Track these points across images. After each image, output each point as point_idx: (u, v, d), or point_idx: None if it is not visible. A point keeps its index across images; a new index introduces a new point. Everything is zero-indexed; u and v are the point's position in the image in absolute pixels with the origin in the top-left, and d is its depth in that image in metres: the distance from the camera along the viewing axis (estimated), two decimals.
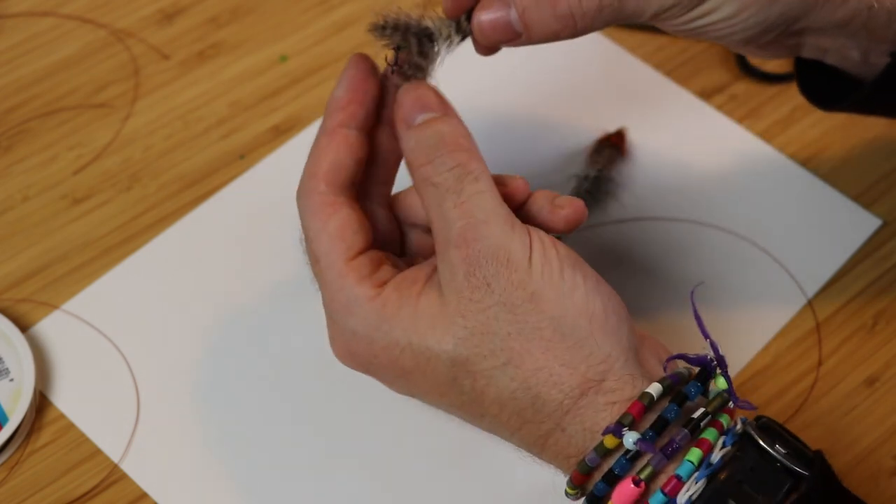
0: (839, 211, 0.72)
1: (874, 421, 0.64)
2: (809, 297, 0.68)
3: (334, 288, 0.52)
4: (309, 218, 0.53)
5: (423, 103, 0.53)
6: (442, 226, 0.51)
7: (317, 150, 0.53)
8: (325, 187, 0.53)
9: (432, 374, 0.51)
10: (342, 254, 0.52)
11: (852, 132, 0.75)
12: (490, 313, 0.50)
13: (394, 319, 0.51)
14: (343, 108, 0.53)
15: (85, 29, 0.78)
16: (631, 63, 0.78)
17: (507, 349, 0.49)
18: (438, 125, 0.52)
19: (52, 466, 0.61)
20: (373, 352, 0.52)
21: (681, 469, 0.47)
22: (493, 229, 0.50)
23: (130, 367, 0.65)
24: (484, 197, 0.51)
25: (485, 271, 0.50)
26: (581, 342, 0.50)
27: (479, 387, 0.50)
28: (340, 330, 0.52)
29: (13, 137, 0.73)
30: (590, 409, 0.49)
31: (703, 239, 0.70)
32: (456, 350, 0.50)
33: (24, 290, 0.67)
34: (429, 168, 0.52)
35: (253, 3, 0.80)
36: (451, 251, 0.50)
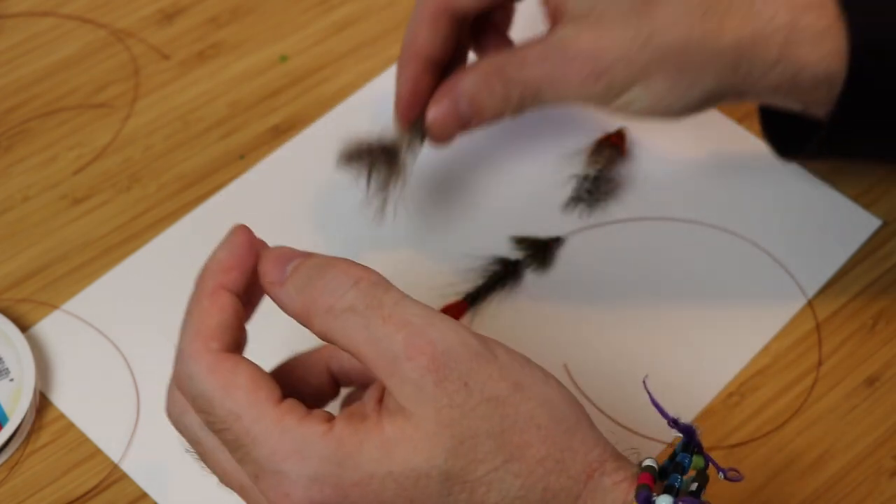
0: (839, 211, 0.72)
1: (874, 421, 0.64)
2: (809, 297, 0.68)
3: (273, 438, 0.45)
4: (208, 378, 0.46)
5: (284, 257, 0.49)
6: (378, 348, 0.46)
7: (199, 311, 0.48)
8: (216, 344, 0.47)
9: (422, 497, 0.45)
10: (267, 400, 0.46)
11: None
12: (477, 414, 0.45)
13: (360, 454, 0.45)
14: (226, 270, 0.49)
15: (85, 29, 0.78)
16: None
17: (505, 445, 0.45)
18: (311, 260, 0.49)
19: (52, 466, 0.61)
20: (343, 492, 0.45)
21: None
22: (442, 330, 0.46)
23: (130, 367, 0.65)
24: (409, 303, 0.47)
25: (457, 372, 0.45)
26: (573, 428, 0.47)
27: (478, 497, 0.45)
28: (293, 482, 0.45)
29: (13, 137, 0.73)
30: (599, 492, 0.46)
31: (703, 239, 0.70)
32: (448, 464, 0.45)
33: (24, 290, 0.67)
34: (327, 297, 0.47)
35: (253, 3, 0.80)
36: (404, 366, 0.45)
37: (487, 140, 0.74)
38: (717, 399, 0.64)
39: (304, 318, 0.48)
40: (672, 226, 0.71)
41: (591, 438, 0.47)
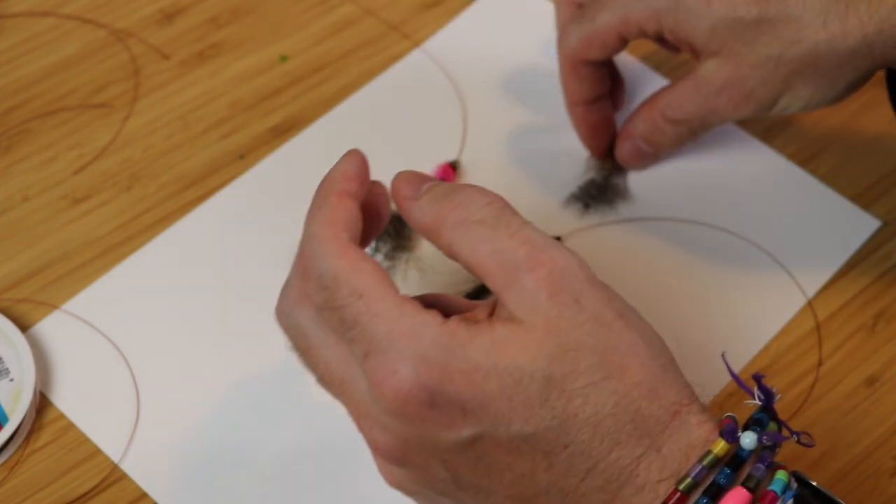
0: (839, 212, 0.72)
1: (874, 421, 0.64)
2: (809, 297, 0.68)
3: (391, 317, 0.48)
4: (338, 259, 0.49)
5: (420, 178, 0.52)
6: (500, 260, 0.48)
7: (328, 205, 0.51)
8: (346, 234, 0.50)
9: (520, 397, 0.47)
10: (391, 288, 0.48)
11: (852, 132, 0.75)
12: (584, 330, 0.47)
13: (470, 346, 0.47)
14: (349, 179, 0.52)
15: (85, 29, 0.78)
16: (631, 64, 0.78)
17: (607, 363, 0.47)
18: (447, 184, 0.52)
19: (52, 466, 0.61)
20: (449, 377, 0.47)
21: (774, 485, 0.47)
22: (561, 252, 0.49)
23: (130, 367, 0.65)
24: (533, 227, 0.49)
25: (571, 288, 0.48)
26: (667, 364, 0.49)
27: (574, 407, 0.47)
28: (404, 359, 0.47)
29: (13, 137, 0.73)
30: (684, 427, 0.48)
31: (703, 239, 0.70)
32: (551, 368, 0.47)
33: (24, 290, 0.67)
34: (460, 210, 0.50)
35: (253, 3, 0.80)
36: (522, 278, 0.48)
37: (493, 145, 0.74)
38: (717, 399, 0.64)
39: (434, 230, 0.50)
40: (672, 226, 0.71)
41: (680, 379, 0.49)
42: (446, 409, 0.47)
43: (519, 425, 0.47)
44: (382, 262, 0.68)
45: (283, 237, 0.70)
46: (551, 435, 0.47)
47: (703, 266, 0.69)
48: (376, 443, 0.50)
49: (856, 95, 0.76)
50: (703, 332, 0.66)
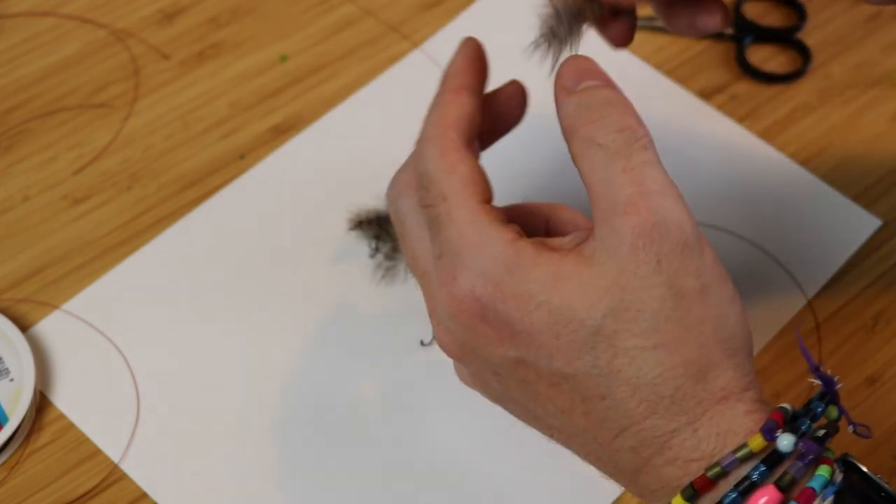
0: (839, 211, 0.72)
1: (874, 421, 0.64)
2: (809, 297, 0.68)
3: (464, 222, 0.48)
4: (436, 160, 0.50)
5: (587, 72, 0.51)
6: (606, 191, 0.47)
7: (441, 104, 0.52)
8: (454, 134, 0.50)
9: (567, 338, 0.46)
10: (474, 195, 0.49)
11: (852, 132, 0.75)
12: (654, 293, 0.46)
13: (531, 272, 0.47)
14: (463, 71, 0.52)
15: (85, 29, 0.78)
16: (631, 63, 0.78)
17: (662, 333, 0.46)
18: (605, 90, 0.50)
19: (52, 466, 0.61)
20: (501, 295, 0.47)
21: (814, 482, 0.45)
22: (669, 203, 0.47)
23: (130, 367, 0.65)
24: (656, 168, 0.48)
25: (657, 247, 0.46)
26: (734, 351, 0.47)
27: (618, 364, 0.46)
28: (465, 268, 0.48)
29: (13, 137, 0.73)
30: (728, 413, 0.47)
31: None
32: (604, 321, 0.46)
33: (24, 290, 0.67)
34: (592, 127, 0.48)
35: (253, 3, 0.80)
36: (616, 219, 0.46)
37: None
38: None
39: (568, 133, 0.50)
40: None
41: (745, 367, 0.48)
42: (495, 325, 0.48)
43: (561, 364, 0.47)
44: (382, 262, 0.68)
45: (283, 237, 0.70)
46: (591, 382, 0.47)
47: None
48: (441, 339, 0.51)
49: (856, 95, 0.76)
50: None
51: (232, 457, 0.62)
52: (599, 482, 0.61)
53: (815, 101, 0.77)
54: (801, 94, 0.77)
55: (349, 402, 0.64)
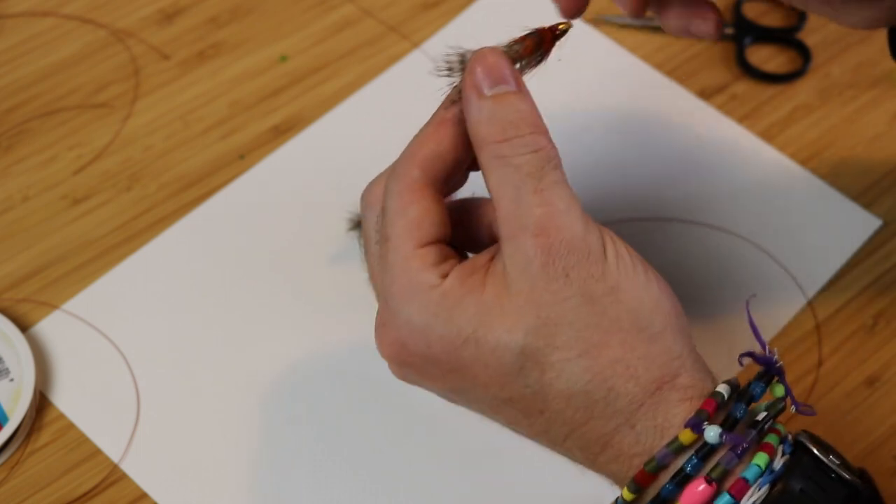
0: (839, 211, 0.72)
1: (874, 421, 0.64)
2: (809, 297, 0.68)
3: (396, 271, 0.50)
4: (393, 197, 0.51)
5: (499, 73, 0.50)
6: (515, 209, 0.49)
7: (422, 135, 0.52)
8: (417, 173, 0.51)
9: (496, 365, 0.48)
10: (413, 239, 0.50)
11: (852, 132, 0.75)
12: (567, 305, 0.48)
13: (455, 309, 0.49)
14: (458, 102, 0.51)
15: (85, 29, 0.78)
16: (631, 63, 0.78)
17: (584, 340, 0.48)
18: (516, 101, 0.50)
19: (52, 466, 0.61)
20: (427, 342, 0.49)
21: (747, 472, 0.47)
22: (573, 220, 0.49)
23: (130, 367, 0.65)
24: (563, 187, 0.49)
25: (564, 262, 0.48)
26: (656, 337, 0.49)
27: (547, 379, 0.48)
28: (393, 317, 0.50)
29: (13, 137, 0.73)
30: (662, 405, 0.48)
31: (703, 239, 0.70)
32: (526, 340, 0.48)
33: (24, 290, 0.67)
34: (506, 146, 0.49)
35: (253, 3, 0.80)
36: (526, 239, 0.48)
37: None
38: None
39: (477, 144, 0.50)
40: (672, 226, 0.71)
41: (672, 349, 0.49)
42: (426, 368, 0.50)
43: (496, 390, 0.49)
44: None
45: (284, 237, 0.70)
46: (527, 402, 0.49)
47: (703, 266, 0.69)
48: (383, 357, 0.52)
49: (856, 95, 0.76)
50: (703, 331, 0.66)
51: (232, 457, 0.62)
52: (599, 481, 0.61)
53: (815, 101, 0.77)
54: (801, 94, 0.77)
55: (349, 401, 0.64)
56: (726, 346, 0.66)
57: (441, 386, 0.51)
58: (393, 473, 0.62)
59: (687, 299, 0.68)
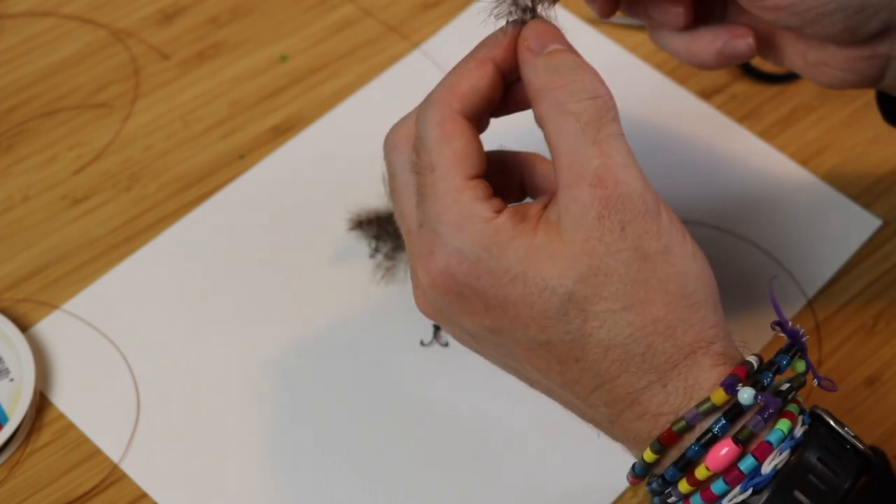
0: (839, 211, 0.72)
1: (874, 421, 0.64)
2: (809, 298, 0.68)
3: (447, 200, 0.49)
4: (434, 127, 0.50)
5: (552, 36, 0.51)
6: (573, 160, 0.49)
7: (461, 70, 0.51)
8: (458, 105, 0.50)
9: (540, 307, 0.48)
10: (462, 170, 0.50)
11: (852, 132, 0.75)
12: (620, 257, 0.48)
13: (507, 247, 0.48)
14: (500, 45, 0.52)
15: (85, 29, 0.78)
16: (631, 63, 0.78)
17: (630, 295, 0.48)
18: (571, 55, 0.51)
19: (52, 466, 0.61)
20: (476, 273, 0.49)
21: (771, 436, 0.47)
22: (632, 175, 0.49)
23: (130, 367, 0.65)
24: (621, 140, 0.49)
25: (621, 215, 0.48)
26: (698, 304, 0.49)
27: (589, 328, 0.48)
28: (442, 245, 0.49)
29: (13, 137, 0.73)
30: (695, 367, 0.49)
31: (703, 239, 0.70)
32: (575, 287, 0.48)
33: (24, 290, 0.67)
34: (564, 91, 0.49)
35: (253, 3, 0.80)
36: (583, 188, 0.48)
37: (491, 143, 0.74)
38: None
39: (535, 95, 0.50)
40: None
41: (710, 319, 0.50)
42: (470, 300, 0.49)
43: (535, 332, 0.49)
44: (382, 262, 0.68)
45: (283, 237, 0.70)
46: (565, 347, 0.49)
47: None
48: (417, 301, 0.52)
49: (856, 95, 0.76)
50: None
51: (232, 457, 0.62)
52: (597, 482, 0.61)
53: (815, 101, 0.77)
54: (801, 94, 0.77)
55: (349, 401, 0.64)
56: None
57: (478, 322, 0.50)
58: (393, 473, 0.62)
59: None
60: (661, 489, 0.49)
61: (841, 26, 0.55)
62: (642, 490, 0.61)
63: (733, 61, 0.58)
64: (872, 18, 0.55)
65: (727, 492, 0.48)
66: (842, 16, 0.54)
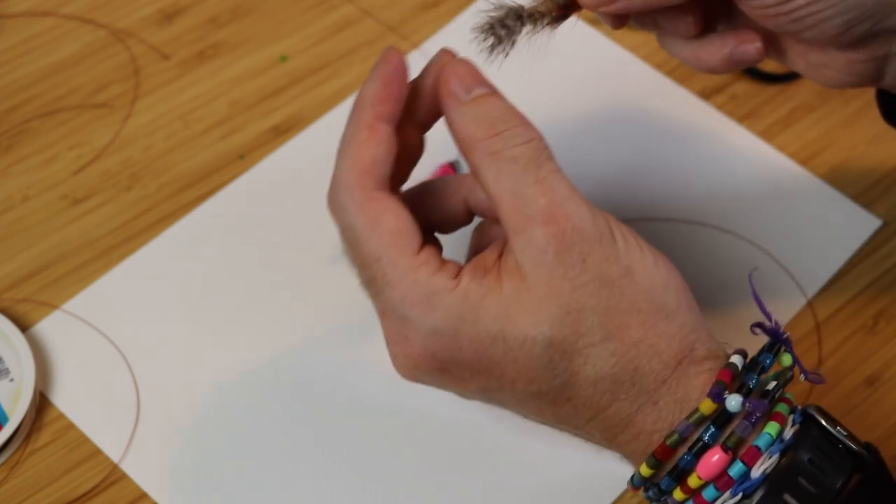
0: (839, 211, 0.72)
1: (874, 421, 0.64)
2: (809, 298, 0.68)
3: (405, 285, 0.49)
4: (358, 215, 0.50)
5: (474, 78, 0.51)
6: (517, 202, 0.49)
7: (356, 143, 0.50)
8: (371, 181, 0.50)
9: (524, 360, 0.49)
10: (407, 248, 0.49)
11: (852, 132, 0.75)
12: (586, 290, 0.48)
13: (480, 308, 0.48)
14: (381, 101, 0.51)
15: (85, 29, 0.78)
16: (631, 63, 0.78)
17: (606, 325, 0.48)
18: (496, 100, 0.50)
19: (52, 466, 0.61)
20: (458, 346, 0.49)
21: (759, 440, 0.48)
22: (580, 206, 0.49)
23: (130, 367, 0.65)
24: (560, 175, 0.50)
25: (579, 248, 0.48)
26: (672, 314, 0.50)
27: (575, 367, 0.49)
28: (416, 329, 0.49)
29: (13, 137, 0.73)
30: (683, 379, 0.49)
31: (703, 239, 0.70)
32: (552, 331, 0.48)
33: (24, 290, 0.67)
34: (497, 141, 0.49)
35: (253, 3, 0.80)
36: (535, 229, 0.48)
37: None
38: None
39: (467, 146, 0.50)
40: (672, 226, 0.71)
41: (688, 324, 0.50)
42: (455, 371, 0.50)
43: (523, 385, 0.49)
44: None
45: (283, 237, 0.70)
46: (555, 392, 0.49)
47: (703, 266, 0.69)
48: (397, 369, 0.52)
49: (856, 95, 0.76)
50: None
51: (231, 456, 0.62)
52: (597, 483, 0.61)
53: (815, 101, 0.77)
54: (801, 94, 0.77)
55: (349, 401, 0.64)
56: (726, 346, 0.66)
57: (470, 387, 0.51)
58: (393, 473, 0.62)
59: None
60: (658, 497, 0.50)
61: (838, 31, 0.55)
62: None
63: (742, 66, 0.59)
64: (866, 21, 0.55)
65: (717, 497, 0.48)
66: (839, 21, 0.54)
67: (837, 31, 0.55)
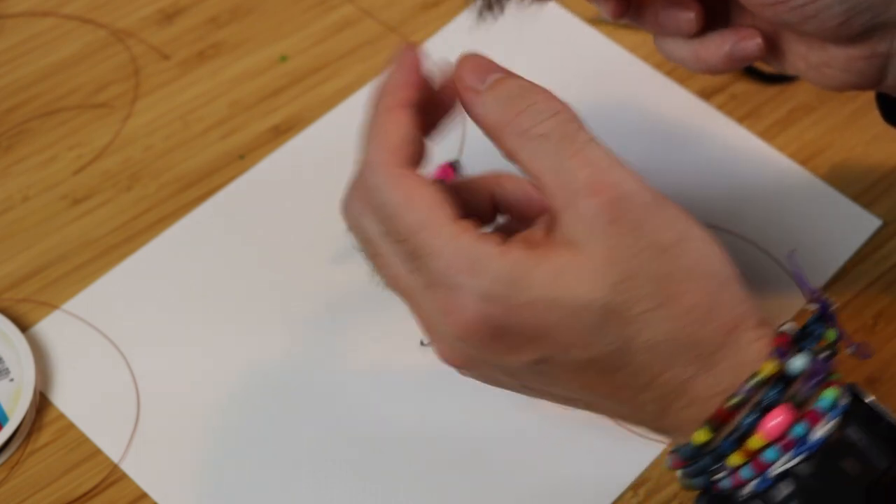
0: (839, 211, 0.72)
1: None
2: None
3: (450, 252, 0.47)
4: (393, 191, 0.48)
5: (486, 67, 0.50)
6: (559, 180, 0.48)
7: (381, 125, 0.50)
8: (401, 160, 0.49)
9: (580, 326, 0.48)
10: (447, 216, 0.48)
11: (852, 132, 0.75)
12: (643, 257, 0.48)
13: (532, 276, 0.47)
14: (402, 87, 0.50)
15: (85, 29, 0.78)
16: (631, 63, 0.78)
17: (662, 291, 0.48)
18: (512, 81, 0.50)
19: (52, 466, 0.61)
20: (511, 310, 0.47)
21: (820, 403, 0.48)
22: (625, 174, 0.48)
23: (130, 367, 0.65)
24: (600, 144, 0.49)
25: (631, 215, 0.48)
26: (725, 283, 0.49)
27: (631, 333, 0.48)
28: (465, 295, 0.47)
29: (13, 137, 0.73)
30: (738, 344, 0.49)
31: None
32: (609, 297, 0.47)
33: (24, 290, 0.67)
34: (524, 119, 0.48)
35: (253, 3, 0.80)
36: (582, 202, 0.47)
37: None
38: None
39: (496, 133, 0.49)
40: None
41: (739, 295, 0.50)
42: (512, 338, 0.48)
43: (579, 351, 0.48)
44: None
45: (283, 237, 0.70)
46: (610, 359, 0.48)
47: None
48: (443, 353, 0.51)
49: (856, 95, 0.76)
50: None
51: (232, 457, 0.62)
52: (597, 483, 0.61)
53: (815, 101, 0.77)
54: (801, 94, 0.77)
55: (349, 401, 0.64)
56: None
57: (522, 357, 0.49)
58: (393, 473, 0.62)
59: None
60: (703, 470, 0.50)
61: (838, 21, 0.54)
62: (642, 490, 0.61)
63: (742, 63, 0.58)
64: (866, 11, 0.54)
65: (777, 458, 0.48)
66: (839, 10, 0.54)
67: (838, 22, 0.54)
